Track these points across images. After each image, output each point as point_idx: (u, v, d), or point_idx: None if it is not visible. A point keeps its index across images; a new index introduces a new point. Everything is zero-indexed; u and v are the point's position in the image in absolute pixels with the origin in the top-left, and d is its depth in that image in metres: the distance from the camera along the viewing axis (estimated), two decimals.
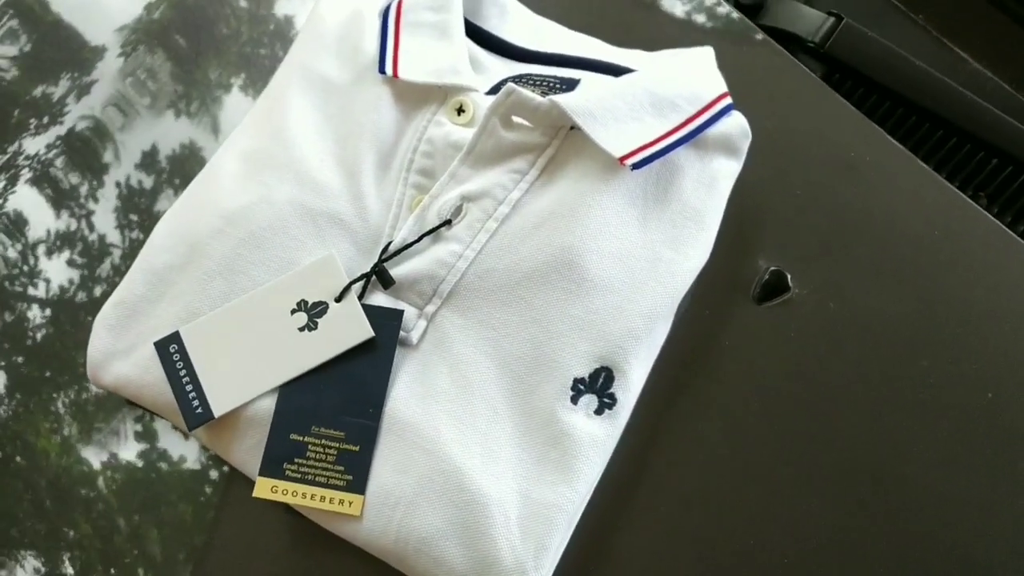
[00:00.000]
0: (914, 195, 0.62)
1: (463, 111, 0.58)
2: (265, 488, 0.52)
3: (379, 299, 0.55)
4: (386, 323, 0.54)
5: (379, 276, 0.55)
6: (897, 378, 0.57)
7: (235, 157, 0.59)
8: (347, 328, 0.54)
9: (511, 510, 0.50)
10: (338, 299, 0.54)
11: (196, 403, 0.53)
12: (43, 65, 0.68)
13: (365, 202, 0.57)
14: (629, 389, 0.53)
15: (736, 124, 0.58)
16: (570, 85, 0.59)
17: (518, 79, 0.60)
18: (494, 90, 0.60)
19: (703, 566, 0.54)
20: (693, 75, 0.58)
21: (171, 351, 0.54)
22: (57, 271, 0.62)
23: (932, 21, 0.71)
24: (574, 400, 0.52)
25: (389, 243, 0.56)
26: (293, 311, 0.55)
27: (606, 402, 0.53)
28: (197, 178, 0.60)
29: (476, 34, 0.63)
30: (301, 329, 0.54)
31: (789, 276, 0.60)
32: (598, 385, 0.53)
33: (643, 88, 0.56)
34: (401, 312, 0.54)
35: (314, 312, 0.54)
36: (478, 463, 0.51)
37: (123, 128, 0.66)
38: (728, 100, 0.58)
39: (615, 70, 0.60)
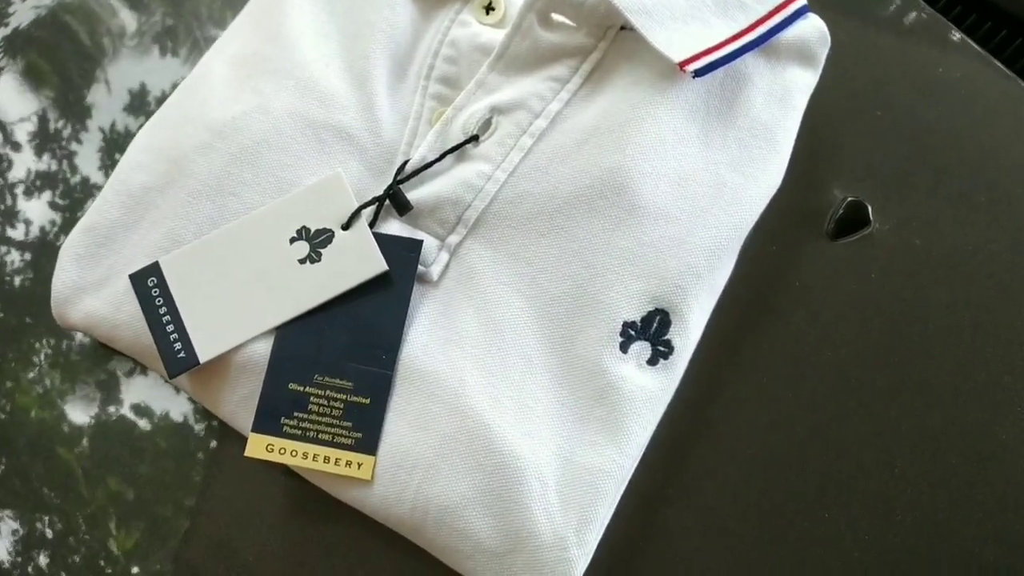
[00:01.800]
0: (1011, 118, 0.54)
1: (492, 9, 0.50)
2: (259, 446, 0.45)
3: (394, 227, 0.48)
4: (402, 255, 0.46)
5: (393, 200, 0.47)
6: (992, 328, 0.50)
7: (225, 61, 0.51)
8: (356, 260, 0.46)
9: (549, 476, 0.43)
10: (345, 226, 0.46)
11: (178, 346, 0.46)
12: None
13: (377, 114, 0.49)
14: (687, 335, 0.45)
15: (813, 28, 0.49)
16: None
17: None
18: None
19: (767, 541, 0.47)
20: None
21: (149, 285, 0.46)
22: (37, 212, 0.56)
23: None
24: (623, 348, 0.44)
25: (405, 162, 0.48)
26: (292, 240, 0.46)
27: (661, 350, 0.45)
28: (181, 86, 0.51)
29: None
30: (302, 261, 0.46)
31: (869, 208, 0.51)
32: (652, 330, 0.45)
33: None
34: (420, 243, 0.46)
35: (317, 241, 0.46)
36: (510, 420, 0.44)
37: (106, 62, 0.59)
38: (803, 0, 0.49)
39: None
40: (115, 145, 0.56)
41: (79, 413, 0.51)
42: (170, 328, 0.46)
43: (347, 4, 0.51)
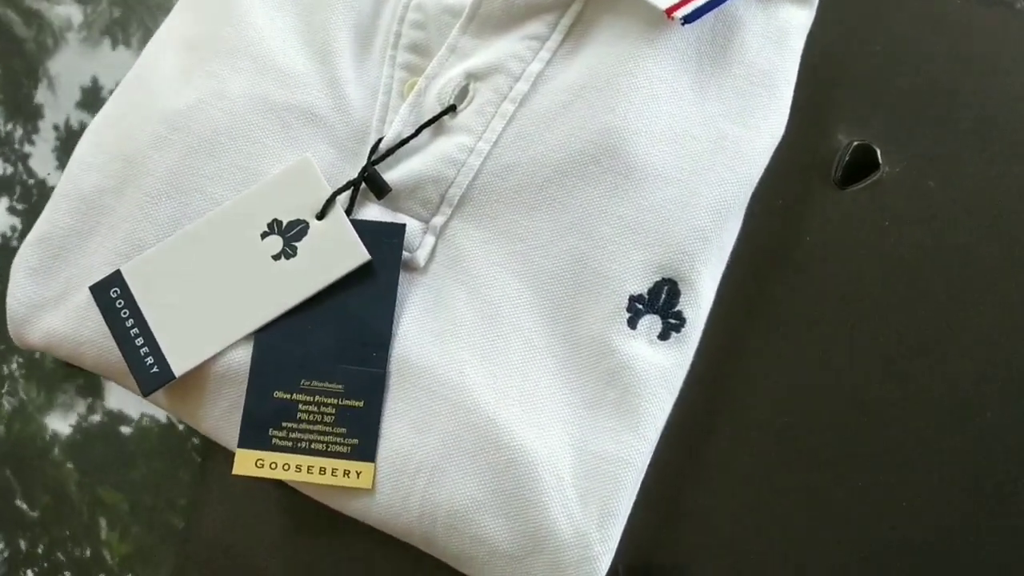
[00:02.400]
0: (1017, 41, 0.50)
1: None
2: (248, 463, 0.41)
3: (372, 212, 0.44)
4: (384, 242, 0.43)
5: (370, 183, 0.43)
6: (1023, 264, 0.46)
7: (174, 46, 0.46)
8: (334, 252, 0.42)
9: (564, 469, 0.40)
10: (320, 215, 0.43)
11: (150, 360, 0.42)
12: None
13: (343, 90, 0.45)
14: (698, 304, 0.42)
15: None
16: None
17: None
18: None
19: (801, 515, 0.44)
20: None
21: (112, 296, 0.43)
22: None
23: None
24: (632, 323, 0.41)
25: (379, 140, 0.44)
26: (264, 235, 0.43)
27: (672, 323, 0.42)
28: (127, 77, 0.47)
29: None
30: (276, 257, 0.43)
31: (877, 151, 0.48)
32: (660, 302, 0.42)
33: None
34: (402, 227, 0.43)
35: (291, 234, 0.43)
36: (516, 412, 0.41)
37: (53, 59, 0.54)
38: None
39: None
40: (71, 144, 0.52)
41: (59, 422, 0.49)
42: (139, 341, 0.42)
43: None
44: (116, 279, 0.43)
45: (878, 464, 0.44)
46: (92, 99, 0.53)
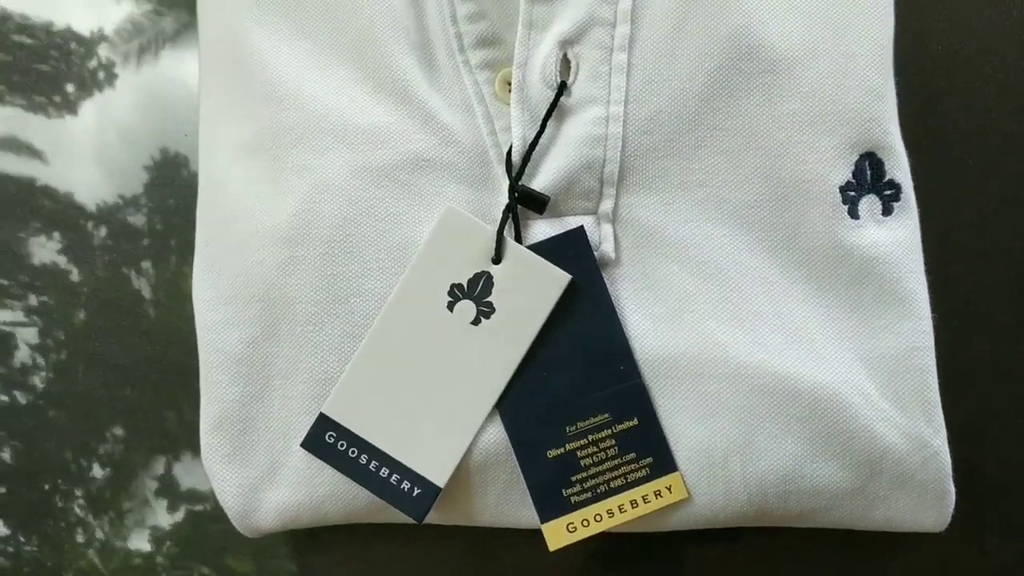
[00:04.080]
0: None
1: None
2: (560, 534, 0.39)
3: (541, 230, 0.40)
4: (571, 254, 0.39)
5: (526, 201, 0.39)
6: None
7: (234, 161, 0.41)
8: (532, 288, 0.39)
9: (866, 385, 0.38)
10: (496, 259, 0.39)
11: (406, 486, 0.38)
12: None
13: (439, 120, 0.40)
14: (902, 165, 0.40)
15: None
16: None
17: None
18: None
19: None
20: None
21: (329, 441, 0.39)
22: None
23: None
24: (853, 213, 0.39)
25: (508, 153, 0.39)
26: (450, 304, 0.39)
27: (888, 194, 0.39)
28: (201, 220, 0.41)
29: None
30: (475, 322, 0.39)
31: None
32: (869, 180, 0.39)
33: None
34: (580, 229, 0.39)
35: (478, 292, 0.39)
36: (791, 355, 0.39)
37: None
38: None
39: None
40: (5, 270, 0.48)
41: (142, 541, 0.47)
42: (384, 472, 0.38)
43: (320, 15, 0.40)
44: (324, 424, 0.39)
45: None
46: None
